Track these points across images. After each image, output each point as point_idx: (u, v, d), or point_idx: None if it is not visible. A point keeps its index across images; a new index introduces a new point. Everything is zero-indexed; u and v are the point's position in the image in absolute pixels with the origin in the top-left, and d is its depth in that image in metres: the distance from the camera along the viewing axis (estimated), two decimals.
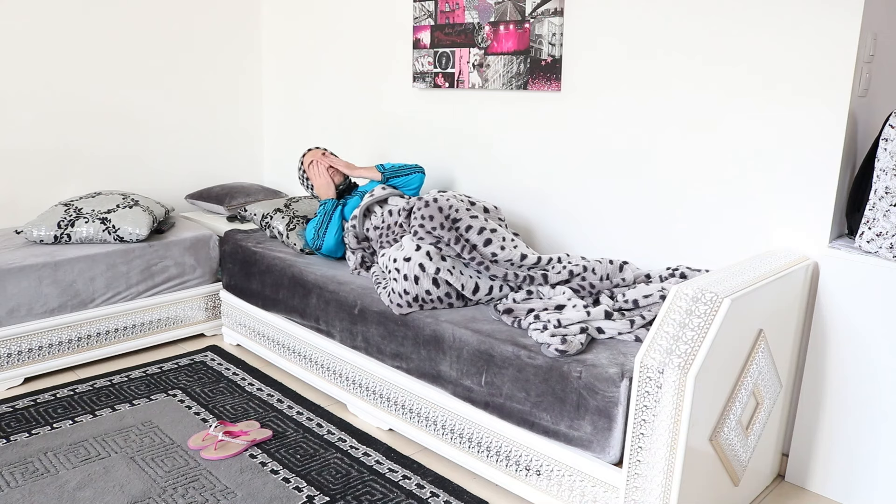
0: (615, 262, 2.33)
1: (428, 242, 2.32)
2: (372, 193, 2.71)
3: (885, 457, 1.98)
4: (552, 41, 2.62)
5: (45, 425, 2.41)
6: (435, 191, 2.46)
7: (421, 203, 2.37)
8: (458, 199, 2.41)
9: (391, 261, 2.36)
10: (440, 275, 2.25)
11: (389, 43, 3.26)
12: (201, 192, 3.69)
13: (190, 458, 2.22)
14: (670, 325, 1.67)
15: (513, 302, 2.22)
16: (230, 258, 3.10)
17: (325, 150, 3.05)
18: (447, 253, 2.31)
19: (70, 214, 2.94)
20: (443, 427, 2.22)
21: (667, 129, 2.37)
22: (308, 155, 3.03)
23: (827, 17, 1.96)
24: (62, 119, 3.35)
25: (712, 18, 2.20)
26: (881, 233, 1.92)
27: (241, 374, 2.86)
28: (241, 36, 3.92)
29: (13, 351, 2.71)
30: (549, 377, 1.89)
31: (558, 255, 2.36)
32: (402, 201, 2.61)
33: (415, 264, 2.26)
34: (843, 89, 1.97)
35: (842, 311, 2.01)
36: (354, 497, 2.04)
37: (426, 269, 2.25)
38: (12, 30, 3.15)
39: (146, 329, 3.07)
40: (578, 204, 2.68)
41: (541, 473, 1.96)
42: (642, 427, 1.68)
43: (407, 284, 2.25)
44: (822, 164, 2.04)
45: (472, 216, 2.36)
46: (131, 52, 3.51)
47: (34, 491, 2.03)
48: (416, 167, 2.89)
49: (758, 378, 1.88)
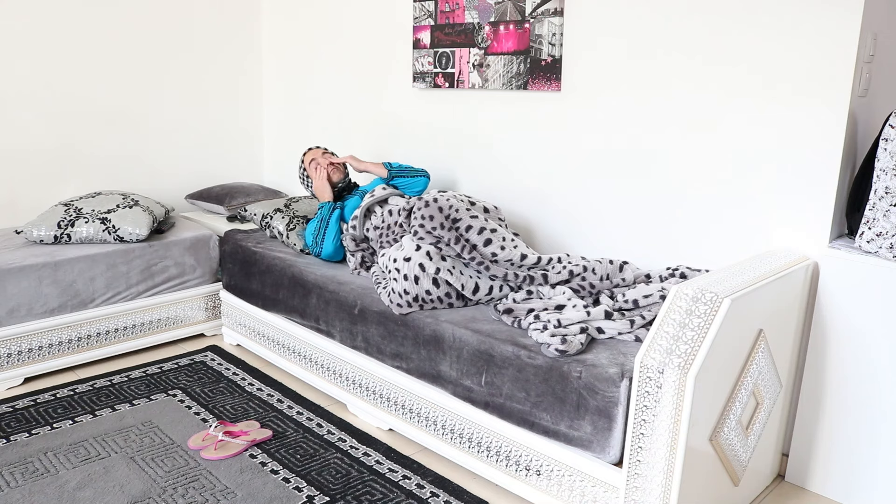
0: (615, 262, 2.33)
1: (428, 242, 2.32)
2: (373, 193, 2.71)
3: (885, 457, 1.98)
4: (552, 41, 2.62)
5: (45, 425, 2.41)
6: (435, 191, 2.46)
7: (421, 203, 2.37)
8: (459, 200, 2.41)
9: (391, 261, 2.36)
10: (440, 275, 2.25)
11: (389, 43, 3.26)
12: (201, 192, 3.69)
13: (190, 458, 2.22)
14: (670, 325, 1.67)
15: (513, 302, 2.22)
16: (230, 258, 3.10)
17: (326, 150, 3.05)
18: (447, 253, 2.31)
19: (70, 214, 2.94)
20: (443, 427, 2.22)
21: (667, 129, 2.37)
22: (309, 154, 3.03)
23: (827, 17, 1.96)
24: (62, 119, 3.35)
25: (712, 18, 2.20)
26: (881, 233, 1.92)
27: (241, 374, 2.86)
28: (241, 36, 3.92)
29: (13, 351, 2.71)
30: (549, 377, 1.89)
31: (558, 256, 2.36)
32: (402, 201, 2.60)
33: (415, 264, 2.26)
34: (843, 89, 1.97)
35: (842, 311, 2.01)
36: (354, 497, 2.04)
37: (426, 269, 2.25)
38: (12, 30, 3.15)
39: (146, 329, 3.07)
40: (578, 204, 2.68)
41: (541, 473, 1.96)
42: (642, 427, 1.68)
43: (407, 284, 2.25)
44: (822, 164, 2.04)
45: (473, 216, 2.36)
46: (132, 52, 3.51)
47: (34, 491, 2.03)
48: (422, 171, 2.88)
49: (758, 378, 1.88)
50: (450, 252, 2.31)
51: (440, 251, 2.31)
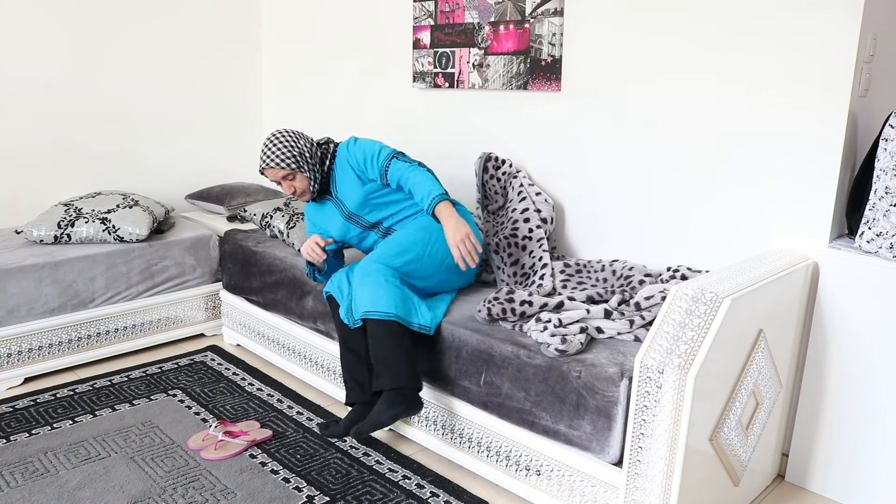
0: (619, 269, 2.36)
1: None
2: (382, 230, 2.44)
3: (886, 457, 1.98)
4: (552, 41, 2.62)
5: (45, 425, 2.41)
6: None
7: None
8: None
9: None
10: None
11: (389, 43, 3.26)
12: (201, 192, 3.69)
13: (190, 458, 2.22)
14: (670, 325, 1.67)
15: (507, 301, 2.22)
16: (230, 258, 3.10)
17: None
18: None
19: (70, 214, 2.94)
20: (443, 427, 2.22)
21: (667, 128, 2.37)
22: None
23: (827, 17, 1.96)
24: (62, 119, 3.36)
25: (713, 18, 2.20)
26: (881, 233, 1.92)
27: (241, 374, 2.86)
28: (241, 36, 3.92)
29: (13, 351, 2.71)
30: (549, 377, 1.89)
31: (567, 293, 2.27)
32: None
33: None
34: (843, 89, 1.96)
35: (842, 311, 2.01)
36: (354, 497, 2.04)
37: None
38: (12, 30, 3.15)
39: (146, 329, 3.07)
40: (578, 204, 2.67)
41: (541, 473, 1.96)
42: (642, 427, 1.67)
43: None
44: (822, 163, 2.04)
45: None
46: (132, 52, 3.51)
47: (34, 491, 2.03)
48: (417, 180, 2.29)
49: (758, 378, 1.88)
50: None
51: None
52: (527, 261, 2.48)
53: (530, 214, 2.58)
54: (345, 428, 2.21)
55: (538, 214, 2.59)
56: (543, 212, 2.61)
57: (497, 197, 2.73)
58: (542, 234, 2.55)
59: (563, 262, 2.49)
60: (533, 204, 2.62)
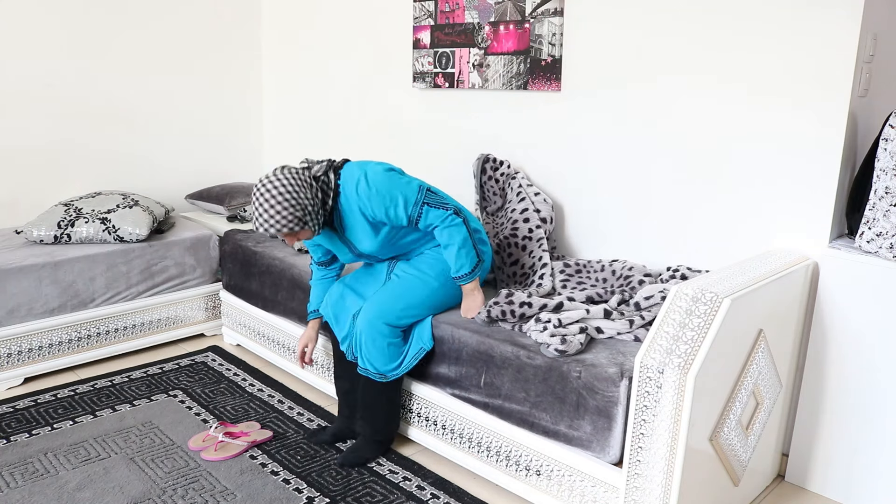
0: (619, 269, 2.35)
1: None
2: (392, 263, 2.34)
3: (886, 457, 1.98)
4: (552, 41, 2.62)
5: (46, 426, 2.41)
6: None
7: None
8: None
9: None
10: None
11: (389, 43, 3.25)
12: (201, 192, 3.69)
13: (190, 458, 2.22)
14: (670, 325, 1.67)
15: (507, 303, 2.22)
16: (230, 258, 3.10)
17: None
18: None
19: (70, 214, 2.94)
20: (443, 427, 2.22)
21: (667, 128, 2.37)
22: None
23: (827, 17, 1.96)
24: (62, 119, 3.35)
25: (713, 18, 2.20)
26: (881, 233, 1.92)
27: (241, 374, 2.86)
28: (241, 36, 3.92)
29: (13, 351, 2.71)
30: (549, 377, 1.89)
31: (567, 292, 2.29)
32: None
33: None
34: (843, 89, 1.96)
35: (842, 311, 2.01)
36: (355, 499, 2.04)
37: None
38: (12, 29, 3.15)
39: (146, 329, 3.07)
40: (578, 204, 2.67)
41: (541, 473, 1.96)
42: (642, 427, 1.67)
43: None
44: (822, 163, 2.04)
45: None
46: (131, 52, 3.51)
47: (34, 491, 2.03)
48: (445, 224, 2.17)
49: (758, 378, 1.88)
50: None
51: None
52: (527, 261, 2.49)
53: (530, 214, 2.58)
54: (331, 436, 2.34)
55: (538, 214, 2.59)
56: (543, 212, 2.61)
57: (495, 198, 2.73)
58: (542, 234, 2.55)
59: (562, 262, 2.50)
60: (532, 204, 2.62)
